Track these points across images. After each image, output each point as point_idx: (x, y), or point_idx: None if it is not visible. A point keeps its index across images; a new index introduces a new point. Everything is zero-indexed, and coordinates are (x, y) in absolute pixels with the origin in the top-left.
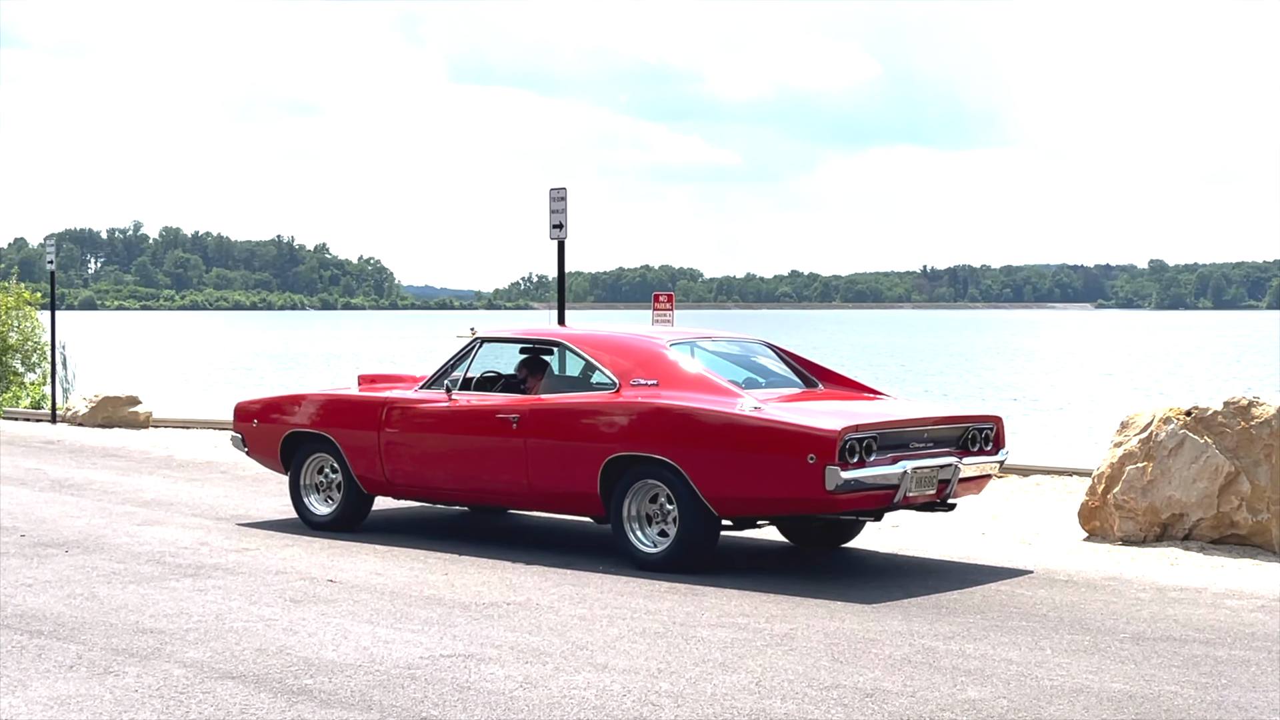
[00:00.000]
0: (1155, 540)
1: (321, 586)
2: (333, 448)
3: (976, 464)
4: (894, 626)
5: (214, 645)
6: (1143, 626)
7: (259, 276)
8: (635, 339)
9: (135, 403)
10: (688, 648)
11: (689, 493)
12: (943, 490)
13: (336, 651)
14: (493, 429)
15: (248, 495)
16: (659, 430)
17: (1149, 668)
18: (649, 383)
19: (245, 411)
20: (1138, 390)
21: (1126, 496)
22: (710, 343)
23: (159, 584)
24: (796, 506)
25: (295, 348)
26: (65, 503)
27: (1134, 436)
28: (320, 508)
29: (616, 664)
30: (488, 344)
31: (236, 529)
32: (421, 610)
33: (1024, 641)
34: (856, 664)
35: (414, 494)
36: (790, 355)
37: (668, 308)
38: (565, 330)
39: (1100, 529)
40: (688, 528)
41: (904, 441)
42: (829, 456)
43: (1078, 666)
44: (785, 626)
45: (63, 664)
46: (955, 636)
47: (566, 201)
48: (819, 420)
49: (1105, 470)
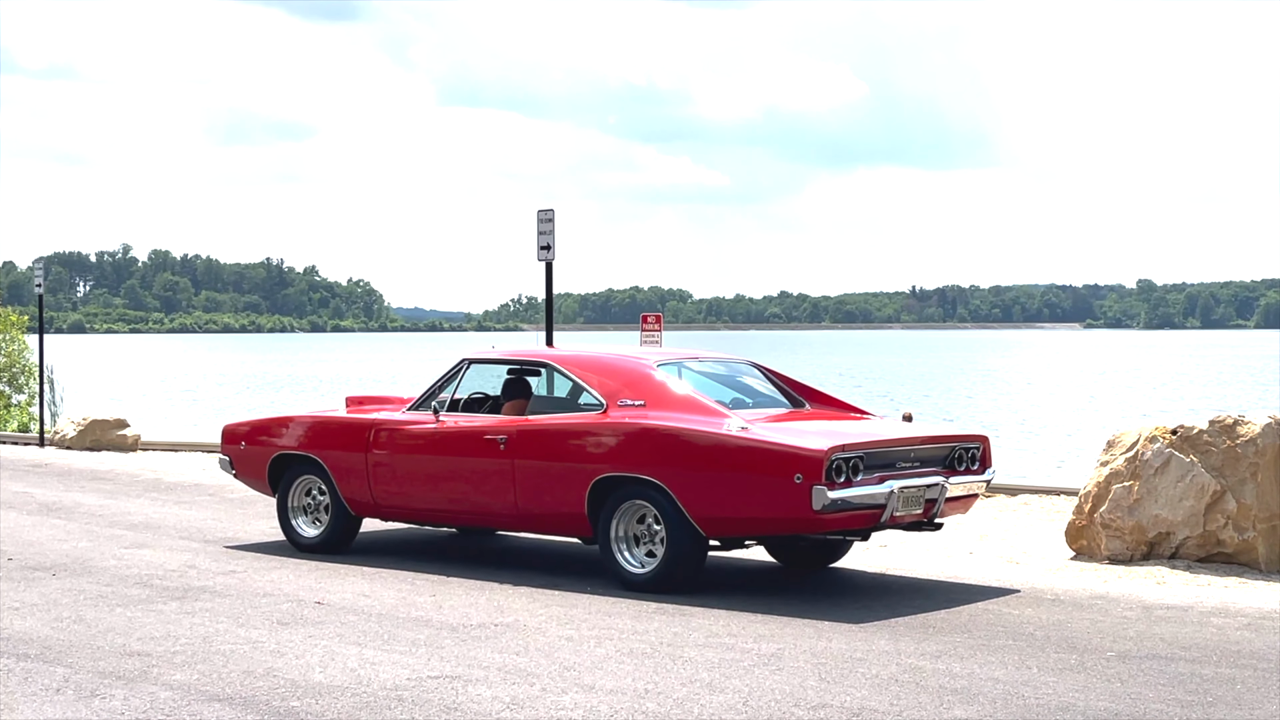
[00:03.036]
0: (1142, 559)
1: (309, 608)
2: (320, 470)
3: (963, 483)
4: (881, 646)
5: (201, 668)
6: (1129, 645)
7: (248, 299)
8: (622, 360)
9: (123, 425)
10: (675, 668)
11: (676, 513)
12: (930, 510)
13: (324, 674)
14: (480, 450)
15: (235, 518)
16: (646, 451)
17: (1135, 686)
18: (636, 403)
19: (232, 434)
20: (1125, 410)
21: (1113, 515)
22: (697, 363)
23: (146, 606)
24: (784, 526)
25: (284, 370)
26: (53, 526)
27: (1120, 455)
28: (308, 530)
29: (604, 684)
30: (475, 365)
31: (224, 551)
32: (409, 632)
33: (1011, 660)
34: (843, 684)
35: (402, 516)
36: (777, 375)
37: (656, 328)
38: (552, 351)
39: (1087, 548)
40: (675, 548)
41: (891, 461)
42: (816, 476)
43: (1064, 685)
44: (773, 646)
45: (49, 687)
46: (942, 655)
47: (554, 223)
48: (805, 440)
49: (1091, 489)
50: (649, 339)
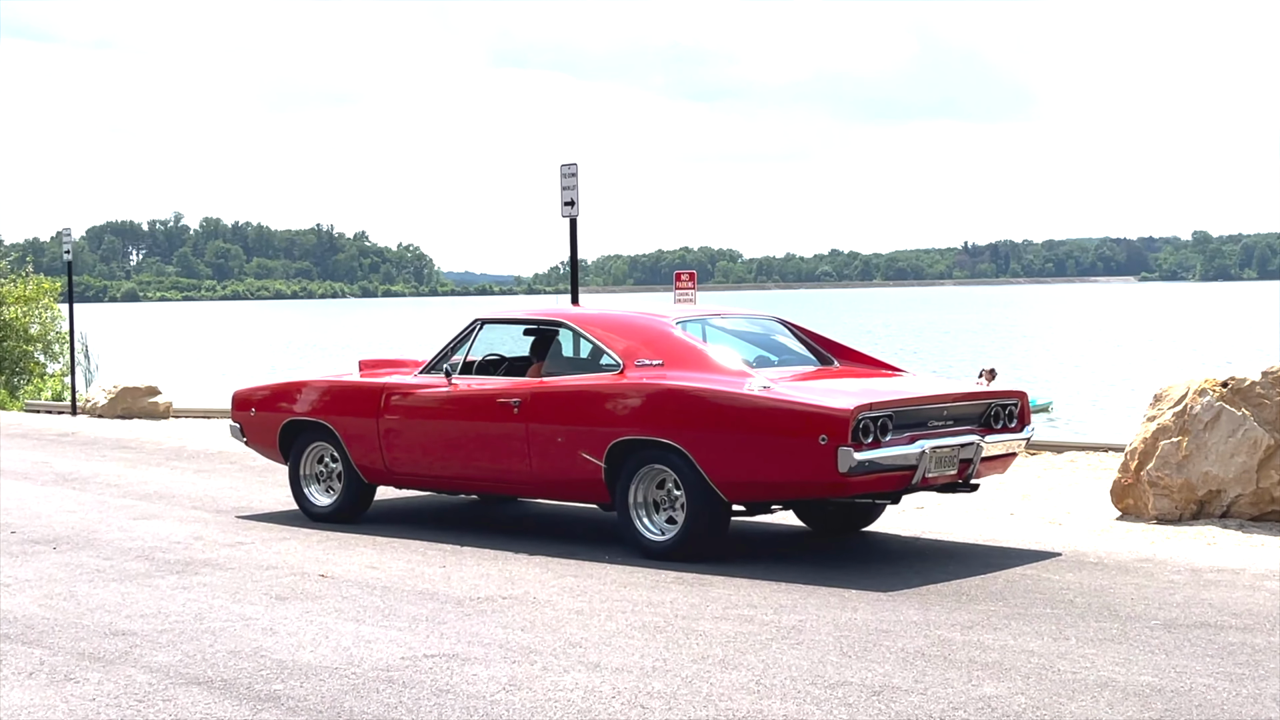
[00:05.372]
0: (1192, 519)
1: (312, 582)
2: (332, 436)
3: (1000, 442)
4: (909, 616)
5: (186, 648)
6: (1175, 612)
7: (299, 265)
8: (640, 318)
9: (154, 393)
10: (688, 643)
11: (696, 477)
12: (964, 470)
13: (314, 653)
14: (493, 414)
15: (253, 487)
16: (664, 412)
17: (1180, 658)
18: (654, 363)
19: (243, 400)
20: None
21: (1161, 473)
22: (721, 320)
23: (143, 581)
24: (808, 490)
25: (332, 335)
26: (65, 497)
27: (1168, 410)
28: (321, 499)
29: (610, 662)
30: (488, 326)
31: (235, 522)
32: (411, 606)
33: (1047, 631)
34: (866, 658)
35: (415, 483)
36: (805, 332)
37: (689, 286)
38: (569, 310)
39: (1134, 508)
40: (696, 514)
41: (922, 420)
42: (841, 437)
43: (1103, 658)
44: (794, 618)
45: (23, 671)
46: (974, 626)
47: (578, 178)
48: (831, 399)
49: (1138, 446)
50: (683, 297)
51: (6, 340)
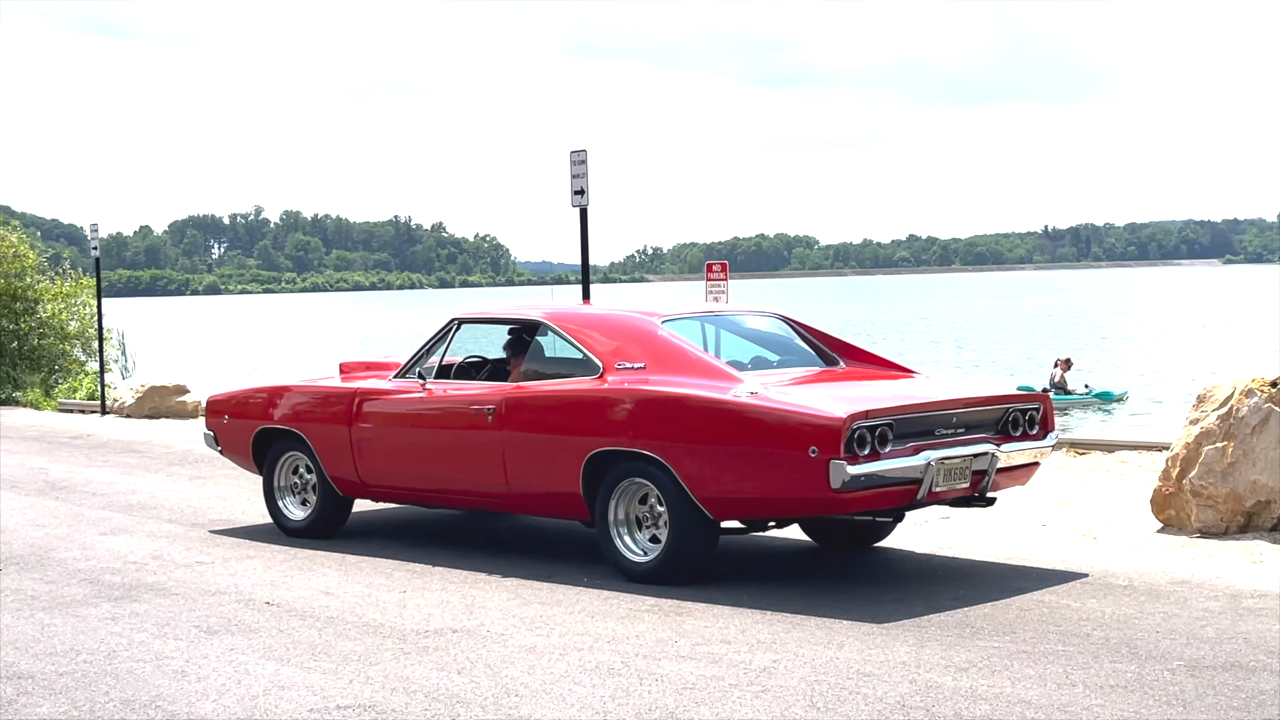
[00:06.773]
0: (1239, 531)
1: (254, 611)
2: (305, 446)
3: (1019, 451)
4: (899, 656)
5: (78, 695)
6: (1204, 650)
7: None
8: (623, 316)
9: (182, 392)
10: (640, 690)
11: (679, 493)
12: (978, 483)
13: (216, 703)
14: (466, 422)
15: (244, 495)
16: (644, 420)
17: (1199, 712)
18: (636, 366)
19: (216, 406)
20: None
21: (1204, 482)
22: (718, 318)
23: (73, 611)
24: (799, 508)
25: (408, 327)
26: (42, 509)
27: (1212, 412)
28: (295, 512)
29: (541, 716)
30: (466, 325)
31: (205, 537)
32: (349, 643)
33: (1052, 675)
34: (837, 710)
35: (389, 496)
36: (809, 330)
37: (721, 278)
38: (548, 308)
39: (1175, 519)
40: (679, 533)
41: (929, 428)
42: (833, 449)
43: (1111, 710)
44: (767, 658)
45: None
46: (970, 669)
47: (587, 165)
48: (822, 405)
49: (1180, 451)
50: (715, 290)
51: (44, 338)
